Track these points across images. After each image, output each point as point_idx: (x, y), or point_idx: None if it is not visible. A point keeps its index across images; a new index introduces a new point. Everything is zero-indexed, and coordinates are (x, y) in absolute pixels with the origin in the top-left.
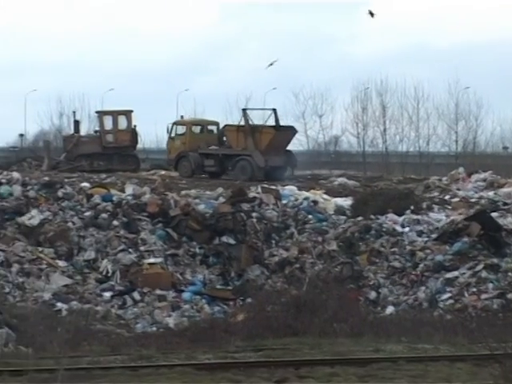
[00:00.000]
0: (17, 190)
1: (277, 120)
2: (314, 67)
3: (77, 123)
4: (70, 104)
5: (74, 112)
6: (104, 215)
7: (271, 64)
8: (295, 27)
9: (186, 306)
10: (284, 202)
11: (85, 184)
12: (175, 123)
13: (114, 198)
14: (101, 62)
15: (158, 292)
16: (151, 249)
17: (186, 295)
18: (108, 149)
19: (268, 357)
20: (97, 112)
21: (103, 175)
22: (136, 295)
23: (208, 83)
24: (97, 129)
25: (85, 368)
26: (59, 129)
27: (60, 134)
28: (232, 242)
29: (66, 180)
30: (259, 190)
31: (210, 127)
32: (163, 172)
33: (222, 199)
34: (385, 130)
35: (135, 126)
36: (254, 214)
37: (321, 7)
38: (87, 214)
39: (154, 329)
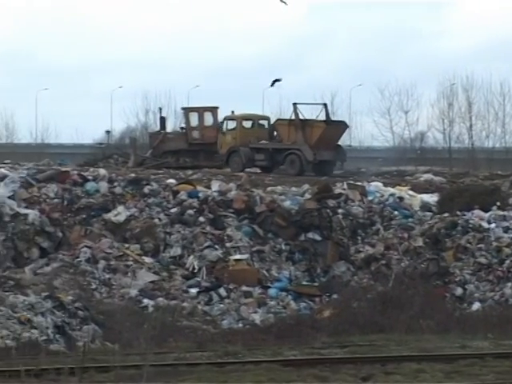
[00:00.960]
0: (103, 186)
1: (327, 115)
2: (399, 63)
3: (163, 120)
4: (156, 101)
5: (160, 109)
6: (190, 211)
7: (274, 82)
8: (381, 23)
9: (272, 303)
10: (370, 198)
11: (171, 180)
12: (226, 118)
13: (200, 195)
14: (187, 59)
15: (244, 288)
16: (237, 245)
17: (271, 291)
18: (194, 145)
19: (354, 353)
20: (183, 108)
21: (189, 172)
22: (222, 291)
23: (294, 79)
24: (183, 125)
25: (171, 364)
26: (145, 125)
27: (146, 130)
28: (318, 238)
29: (153, 176)
30: (345, 186)
31: (261, 122)
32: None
33: (307, 195)
34: (471, 125)
35: (221, 122)
36: (339, 211)
37: (406, 3)
38: (173, 210)
39: (240, 325)
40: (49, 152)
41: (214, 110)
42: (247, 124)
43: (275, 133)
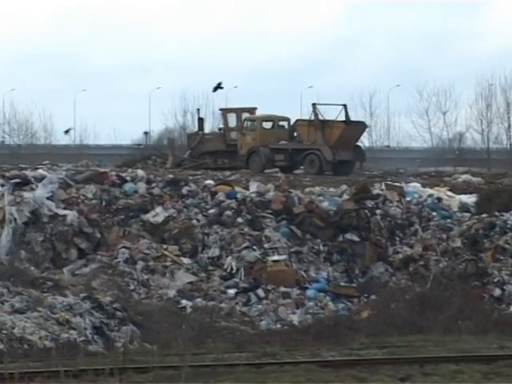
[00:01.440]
0: (141, 187)
1: (347, 115)
2: (437, 63)
3: (201, 121)
4: (194, 101)
5: (198, 109)
6: (228, 212)
7: (216, 88)
8: (419, 23)
9: (310, 303)
10: (408, 199)
11: (209, 181)
12: (246, 119)
13: (238, 196)
14: (226, 60)
15: (282, 289)
16: (275, 246)
17: (310, 292)
18: (232, 146)
19: (392, 354)
20: (221, 109)
21: (227, 172)
22: (260, 292)
23: (332, 80)
24: (221, 126)
25: (209, 365)
26: (183, 126)
27: (184, 131)
28: (356, 239)
29: (191, 177)
30: (383, 186)
31: (281, 123)
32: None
33: (345, 196)
34: (509, 126)
35: None
36: (377, 211)
37: (445, 3)
38: (211, 211)
39: (279, 326)
40: (87, 153)
41: (252, 111)
42: (267, 125)
43: (295, 133)
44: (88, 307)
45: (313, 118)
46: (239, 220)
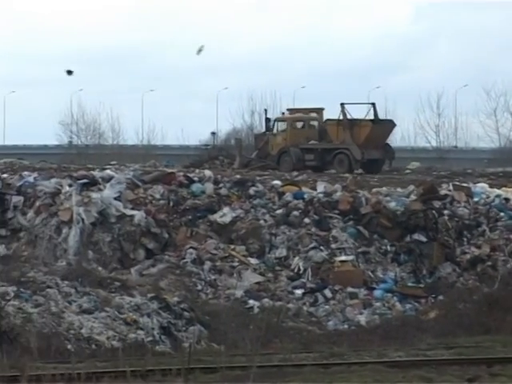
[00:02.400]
0: (209, 187)
1: (376, 114)
2: (505, 64)
3: (268, 121)
4: (261, 102)
5: (266, 110)
6: (295, 213)
7: (200, 50)
8: (487, 23)
9: (377, 304)
10: (475, 199)
11: (276, 182)
12: (276, 120)
13: (306, 196)
14: (293, 60)
15: (350, 289)
16: (342, 246)
17: (377, 293)
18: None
19: (460, 354)
20: (288, 110)
21: (294, 173)
22: (327, 293)
23: (399, 81)
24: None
25: (277, 365)
26: (251, 127)
27: (251, 131)
28: (423, 239)
29: (258, 178)
30: (450, 187)
31: (311, 123)
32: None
33: (413, 197)
34: None
35: None
36: (445, 212)
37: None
38: (279, 211)
39: (346, 326)
40: (155, 153)
41: (319, 112)
42: (297, 125)
43: (325, 133)
44: (155, 307)
45: (341, 117)
46: (306, 220)
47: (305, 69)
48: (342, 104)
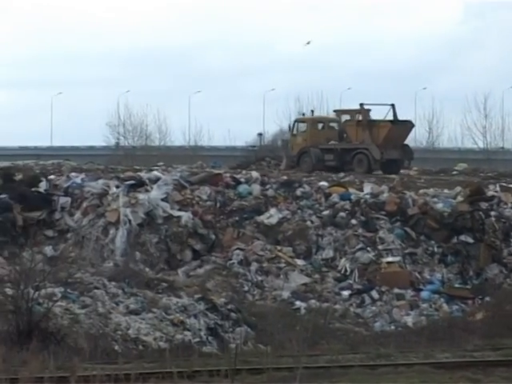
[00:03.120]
0: (256, 189)
1: (395, 115)
2: None
3: None
4: (308, 103)
5: (313, 111)
6: (342, 214)
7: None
8: None
9: (424, 305)
10: None
11: (323, 183)
12: (297, 121)
13: (352, 197)
14: (340, 61)
15: (396, 291)
16: (389, 247)
17: (424, 294)
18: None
19: (507, 356)
20: (335, 111)
21: (341, 174)
22: (374, 294)
23: (446, 81)
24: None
25: (323, 367)
26: None
27: None
28: (470, 240)
29: (305, 179)
30: (497, 188)
31: (331, 124)
32: (401, 170)
33: (459, 198)
34: None
35: None
36: (492, 213)
37: None
38: (325, 212)
39: (393, 327)
40: (202, 154)
41: (365, 112)
42: (317, 126)
43: (345, 134)
44: (202, 308)
45: (360, 118)
46: (353, 221)
47: (352, 69)
48: (361, 104)
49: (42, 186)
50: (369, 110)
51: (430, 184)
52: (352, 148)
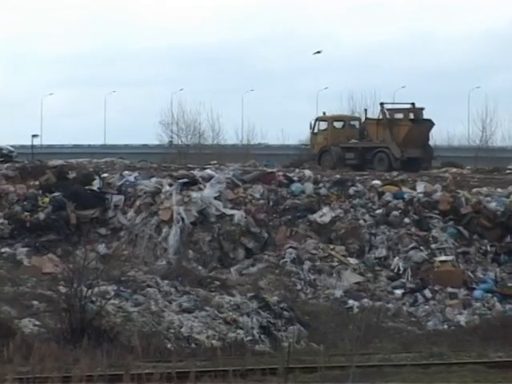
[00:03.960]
0: (309, 187)
1: (415, 113)
2: None
3: None
4: (361, 101)
5: (366, 110)
6: (395, 213)
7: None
8: None
9: (477, 304)
10: None
11: (376, 181)
12: (318, 119)
13: (405, 196)
14: (393, 60)
15: (450, 290)
16: (442, 246)
17: (477, 293)
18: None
19: None
20: (387, 110)
21: (394, 173)
22: (427, 293)
23: (500, 80)
24: None
25: (376, 365)
26: None
27: None
28: None
29: (358, 178)
30: None
31: (351, 122)
32: (454, 169)
33: None
34: None
35: None
36: None
37: None
38: (378, 211)
39: (445, 326)
40: (254, 153)
41: (418, 111)
42: (338, 124)
43: (365, 132)
44: (255, 307)
45: (381, 117)
46: (406, 220)
47: (405, 68)
48: (382, 104)
49: (96, 184)
50: (422, 109)
51: (483, 183)
52: (373, 146)
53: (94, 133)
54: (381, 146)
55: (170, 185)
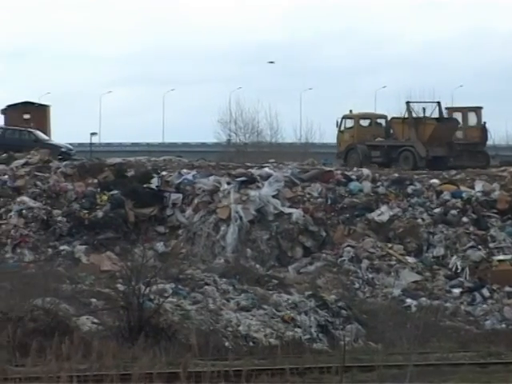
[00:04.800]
0: (367, 186)
1: (441, 112)
2: None
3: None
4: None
5: (424, 109)
6: (453, 212)
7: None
8: None
9: None
10: None
11: (434, 180)
12: (344, 117)
13: (464, 195)
14: (453, 59)
15: (508, 289)
16: (500, 245)
17: None
18: (458, 145)
19: None
20: (446, 108)
21: (452, 172)
22: (485, 292)
23: None
24: None
25: (434, 364)
26: None
27: None
28: None
29: (416, 176)
30: None
31: (378, 120)
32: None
33: None
34: None
35: (485, 122)
36: None
37: None
38: (436, 210)
39: (504, 326)
40: (313, 151)
41: (477, 111)
42: (364, 122)
43: (391, 130)
44: (313, 305)
45: (406, 115)
46: (464, 219)
47: (465, 67)
48: (408, 102)
49: (154, 182)
50: (480, 108)
51: None
52: (398, 145)
53: (152, 131)
54: (406, 145)
55: (228, 183)
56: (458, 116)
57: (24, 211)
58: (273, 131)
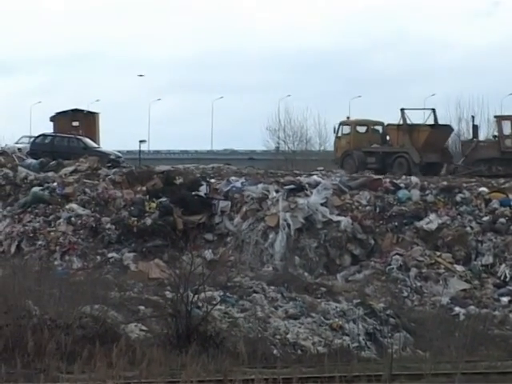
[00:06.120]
0: (415, 194)
1: (435, 119)
2: None
3: (475, 128)
4: (468, 108)
5: (473, 116)
6: (502, 220)
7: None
8: None
9: None
10: None
11: (483, 189)
12: (341, 123)
13: None
14: (504, 66)
15: None
16: None
17: None
18: (506, 153)
19: None
20: (495, 116)
21: (501, 180)
22: None
23: None
24: (495, 134)
25: (482, 373)
26: (458, 134)
27: (459, 138)
28: None
29: (465, 185)
30: None
31: (375, 127)
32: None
33: None
34: None
35: None
36: None
37: None
38: (485, 218)
39: None
40: None
41: None
42: (361, 129)
43: (387, 137)
44: (361, 313)
45: (401, 122)
46: None
47: None
48: (402, 109)
49: (202, 189)
50: None
51: None
52: (393, 151)
53: (200, 138)
54: (400, 151)
55: (277, 191)
56: (507, 124)
57: (73, 218)
58: (321, 139)
